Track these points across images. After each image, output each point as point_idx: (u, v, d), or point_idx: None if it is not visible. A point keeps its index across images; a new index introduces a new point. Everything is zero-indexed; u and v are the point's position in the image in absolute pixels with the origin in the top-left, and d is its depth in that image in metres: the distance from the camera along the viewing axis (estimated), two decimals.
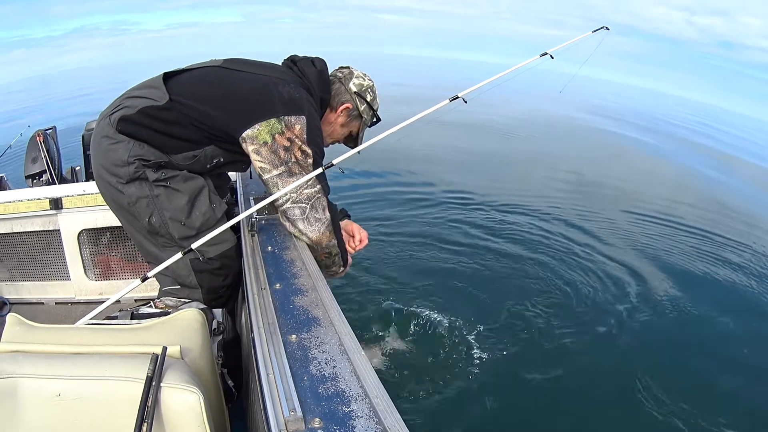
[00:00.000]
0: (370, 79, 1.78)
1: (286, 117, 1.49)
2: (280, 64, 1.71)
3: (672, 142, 13.35)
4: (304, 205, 1.53)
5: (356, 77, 1.75)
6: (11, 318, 1.06)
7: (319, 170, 1.53)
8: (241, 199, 2.01)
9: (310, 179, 1.51)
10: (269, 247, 1.55)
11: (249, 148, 1.51)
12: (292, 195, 1.52)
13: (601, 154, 10.29)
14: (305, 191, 1.52)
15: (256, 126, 1.48)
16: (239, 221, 1.59)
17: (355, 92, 1.73)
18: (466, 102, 1.74)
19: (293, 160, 1.50)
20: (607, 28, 1.91)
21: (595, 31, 1.93)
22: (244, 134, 1.50)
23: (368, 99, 1.75)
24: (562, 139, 11.12)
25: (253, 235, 1.62)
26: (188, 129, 1.53)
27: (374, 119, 1.81)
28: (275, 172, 1.50)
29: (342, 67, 1.79)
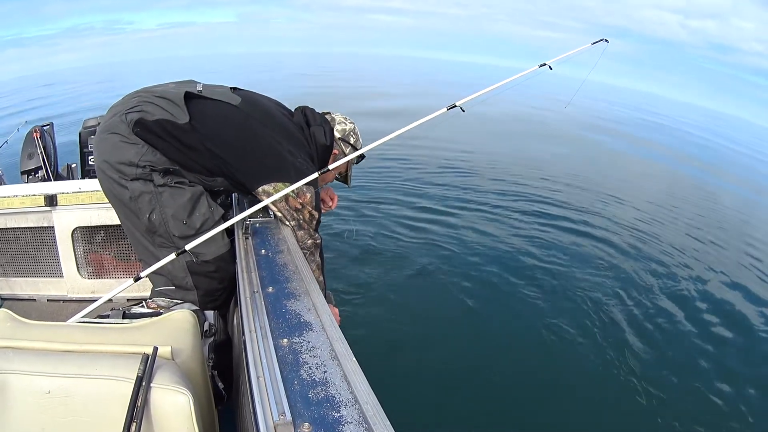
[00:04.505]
0: (351, 122, 1.91)
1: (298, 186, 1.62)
2: (293, 110, 1.83)
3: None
4: (306, 251, 1.70)
5: (338, 123, 1.88)
6: (2, 314, 1.06)
7: (315, 175, 1.63)
8: (235, 201, 2.01)
9: (315, 231, 1.74)
10: (263, 250, 1.55)
11: (265, 197, 1.63)
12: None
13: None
14: (308, 242, 1.72)
15: (273, 184, 1.62)
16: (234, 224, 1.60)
17: (339, 138, 1.87)
18: (463, 111, 1.76)
19: (303, 219, 1.70)
20: (606, 40, 1.93)
21: (594, 43, 1.95)
22: (259, 188, 1.63)
23: (352, 142, 1.89)
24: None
25: (247, 238, 1.62)
26: (205, 159, 1.60)
27: (360, 158, 1.91)
28: (288, 224, 1.71)
29: (324, 114, 1.90)
